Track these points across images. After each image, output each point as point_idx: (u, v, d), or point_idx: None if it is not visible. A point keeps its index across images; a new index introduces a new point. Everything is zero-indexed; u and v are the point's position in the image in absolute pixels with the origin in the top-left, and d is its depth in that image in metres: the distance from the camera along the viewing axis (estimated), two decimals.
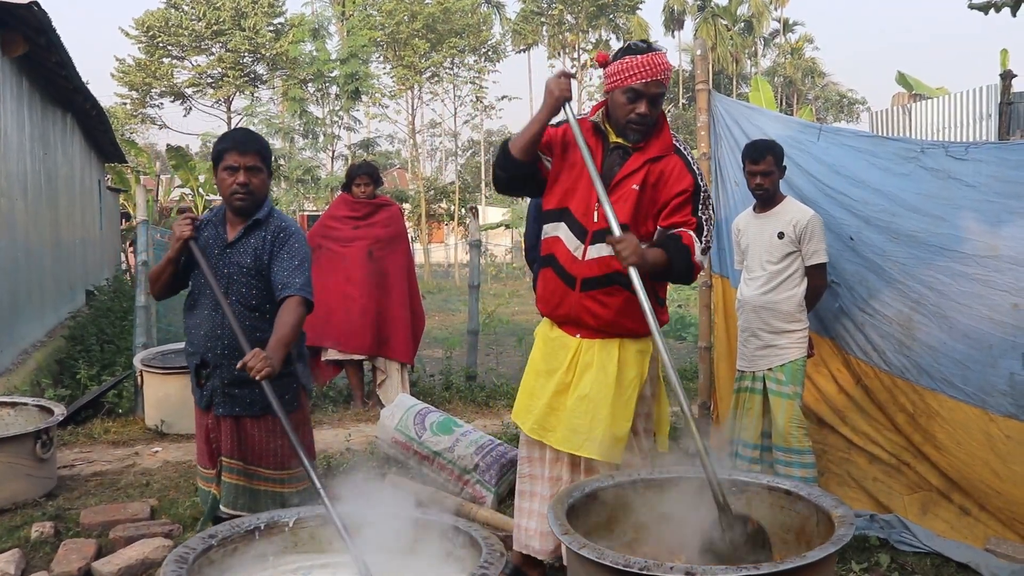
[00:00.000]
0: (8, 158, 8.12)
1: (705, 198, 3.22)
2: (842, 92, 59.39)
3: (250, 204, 3.40)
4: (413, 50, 35.56)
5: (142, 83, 38.56)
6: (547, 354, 3.44)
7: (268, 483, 3.47)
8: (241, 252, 3.42)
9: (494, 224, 28.99)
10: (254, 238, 3.43)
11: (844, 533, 2.51)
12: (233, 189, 3.36)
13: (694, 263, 3.12)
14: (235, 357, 3.24)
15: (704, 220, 3.18)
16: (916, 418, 4.18)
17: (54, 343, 9.37)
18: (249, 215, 3.43)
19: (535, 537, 3.51)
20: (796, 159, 4.67)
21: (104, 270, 16.56)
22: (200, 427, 3.60)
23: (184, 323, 3.61)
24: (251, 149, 3.37)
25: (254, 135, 3.51)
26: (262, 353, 3.03)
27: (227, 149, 3.37)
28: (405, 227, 7.48)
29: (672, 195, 3.18)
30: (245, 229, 3.43)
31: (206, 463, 3.60)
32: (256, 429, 3.45)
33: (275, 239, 3.42)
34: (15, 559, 3.85)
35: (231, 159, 3.35)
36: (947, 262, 3.99)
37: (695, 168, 3.24)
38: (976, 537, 3.94)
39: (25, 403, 5.40)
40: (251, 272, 3.41)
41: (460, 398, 7.45)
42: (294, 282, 3.31)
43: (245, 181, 3.35)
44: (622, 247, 2.95)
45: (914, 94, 13.50)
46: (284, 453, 3.49)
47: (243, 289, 3.41)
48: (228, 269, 3.42)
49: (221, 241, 3.47)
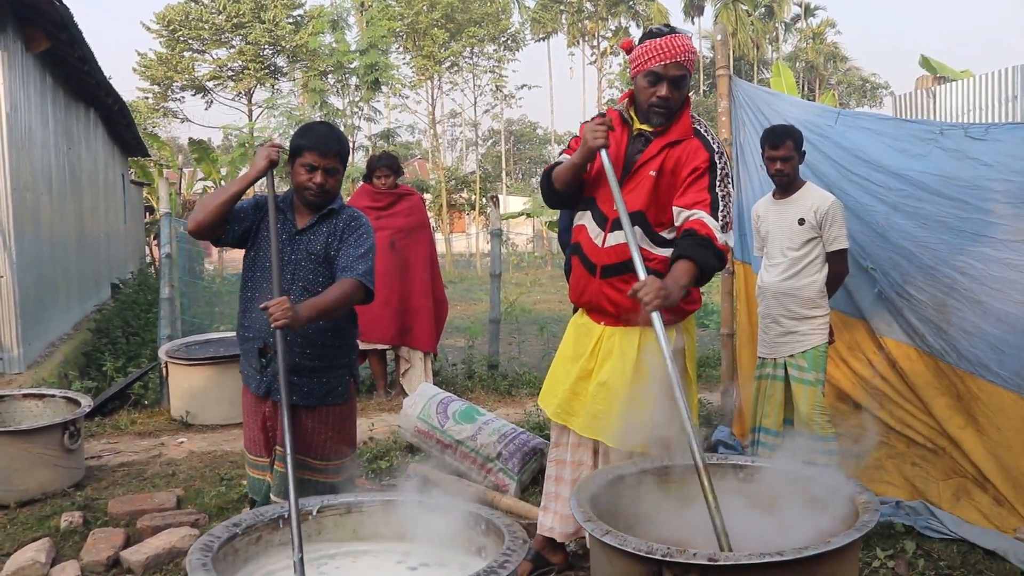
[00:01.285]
0: (33, 153, 8.20)
1: (723, 175, 3.17)
2: (865, 77, 58.83)
3: (323, 202, 3.41)
4: (432, 40, 35.57)
5: (164, 77, 38.80)
6: (575, 340, 3.47)
7: (312, 472, 3.46)
8: (311, 240, 3.41)
9: (515, 213, 28.89)
10: (326, 226, 3.42)
11: (868, 519, 2.49)
12: (308, 187, 3.35)
13: (720, 248, 3.06)
14: (297, 344, 3.27)
15: (720, 196, 3.13)
16: (960, 400, 4.13)
17: (80, 336, 9.47)
18: (320, 208, 3.43)
19: (556, 520, 3.54)
20: (819, 145, 4.63)
21: (129, 263, 16.70)
22: (255, 414, 3.52)
23: (241, 305, 3.53)
24: (331, 151, 3.34)
25: (335, 135, 3.43)
26: (287, 302, 3.03)
27: (308, 147, 3.33)
28: (427, 216, 7.49)
29: (687, 173, 3.16)
30: (319, 218, 3.42)
31: (260, 451, 3.52)
32: (309, 420, 3.44)
33: (346, 227, 3.43)
34: (46, 548, 3.91)
35: (311, 158, 3.32)
36: (978, 247, 3.95)
37: (714, 146, 3.20)
38: (1008, 528, 3.88)
39: (53, 395, 5.46)
40: (320, 260, 3.40)
41: (482, 387, 7.47)
42: (356, 267, 3.32)
43: (322, 182, 3.34)
44: (643, 293, 2.80)
45: (938, 77, 13.32)
46: (330, 445, 3.49)
47: (310, 276, 3.39)
48: (296, 255, 3.40)
49: (290, 227, 3.44)
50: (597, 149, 3.10)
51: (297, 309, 3.05)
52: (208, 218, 3.32)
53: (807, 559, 2.27)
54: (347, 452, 3.53)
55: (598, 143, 3.08)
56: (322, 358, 3.41)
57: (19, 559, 3.78)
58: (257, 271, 3.47)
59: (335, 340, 3.45)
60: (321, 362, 3.41)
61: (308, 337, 3.32)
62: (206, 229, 3.36)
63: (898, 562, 3.74)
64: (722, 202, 3.13)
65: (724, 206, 3.13)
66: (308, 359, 3.38)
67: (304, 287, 3.38)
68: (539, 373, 7.91)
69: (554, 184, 3.34)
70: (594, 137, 3.09)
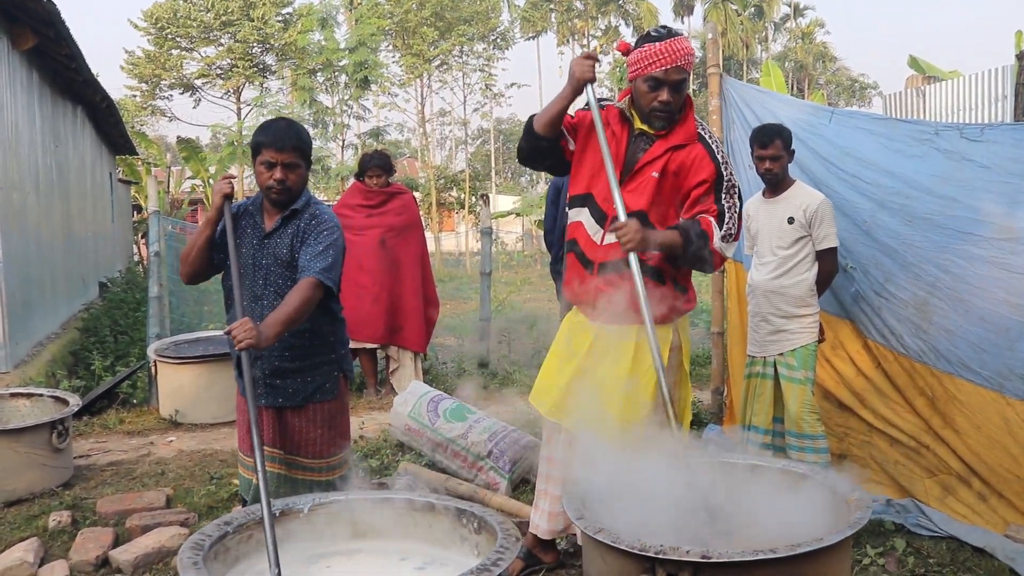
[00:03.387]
0: (19, 151, 8.15)
1: (729, 186, 3.17)
2: (853, 77, 59.01)
3: (286, 199, 3.38)
4: (422, 38, 35.50)
5: (152, 75, 38.56)
6: (569, 338, 3.46)
7: (306, 472, 3.45)
8: (278, 243, 3.39)
9: (505, 212, 28.92)
10: (291, 228, 3.39)
11: (860, 517, 2.50)
12: (269, 185, 3.32)
13: (713, 250, 3.08)
14: (275, 348, 3.25)
15: (727, 207, 3.14)
16: (935, 402, 4.15)
17: (68, 335, 9.42)
18: (286, 207, 3.40)
19: (545, 518, 3.54)
20: (809, 143, 4.63)
21: (117, 262, 16.62)
22: (244, 414, 3.51)
23: (225, 312, 3.55)
24: (288, 146, 3.30)
25: (294, 129, 3.40)
26: (250, 323, 2.99)
27: (265, 144, 3.31)
28: (419, 215, 7.47)
29: (693, 185, 3.16)
30: (282, 220, 3.39)
31: (249, 451, 3.48)
32: (297, 419, 3.43)
33: (307, 226, 3.38)
34: (34, 548, 3.89)
35: (268, 155, 3.29)
36: (963, 245, 3.96)
37: (719, 156, 3.19)
38: (995, 524, 3.90)
39: (41, 394, 5.42)
40: (287, 264, 3.37)
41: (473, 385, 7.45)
42: (314, 266, 3.24)
43: (282, 178, 3.30)
44: (622, 232, 2.95)
45: (928, 77, 13.37)
46: (322, 442, 3.47)
47: (279, 281, 3.37)
48: (266, 260, 3.39)
49: (259, 231, 3.42)
50: (585, 82, 3.10)
51: (261, 329, 3.01)
52: (193, 268, 3.44)
53: (800, 556, 2.27)
54: (343, 447, 3.52)
55: (586, 76, 3.08)
56: (303, 358, 3.40)
57: (7, 559, 3.75)
58: (229, 280, 3.44)
59: (314, 339, 3.42)
60: (302, 362, 3.40)
61: (284, 340, 3.26)
62: (198, 276, 3.49)
63: (888, 559, 3.75)
64: (728, 212, 3.14)
65: (730, 217, 3.14)
66: (288, 361, 3.38)
67: (276, 292, 3.37)
68: (529, 371, 7.90)
69: (535, 124, 3.28)
70: (582, 70, 3.09)
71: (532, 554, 3.64)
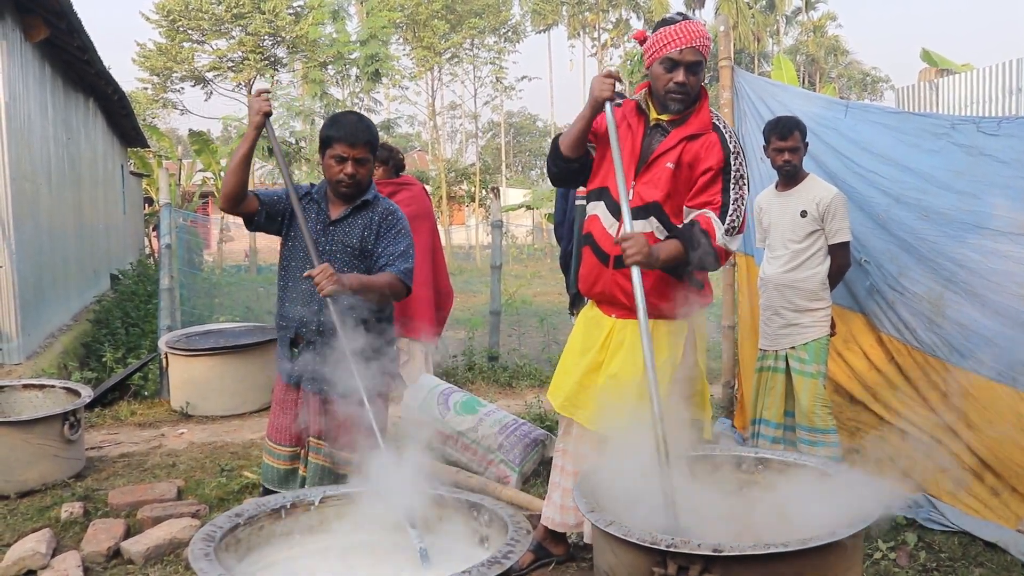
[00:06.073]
0: (32, 143, 8.17)
1: (737, 176, 3.14)
2: (865, 70, 58.70)
3: (356, 192, 3.42)
4: (432, 31, 35.46)
5: (163, 68, 38.63)
6: (585, 333, 3.45)
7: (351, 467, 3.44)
8: (346, 231, 3.42)
9: (515, 205, 28.89)
10: (361, 218, 3.43)
11: (872, 512, 2.48)
12: (340, 179, 3.36)
13: (716, 248, 3.05)
14: (330, 335, 3.26)
15: (732, 199, 3.11)
16: (948, 397, 4.13)
17: (80, 327, 9.45)
18: (355, 199, 3.43)
19: (558, 511, 3.54)
20: (823, 136, 4.60)
21: (128, 254, 16.67)
22: (283, 402, 3.54)
23: (278, 295, 3.55)
24: (360, 141, 3.35)
25: (364, 125, 3.42)
26: (331, 269, 3.04)
27: (336, 138, 3.34)
28: (430, 206, 7.44)
29: (700, 171, 3.13)
30: (352, 209, 3.43)
31: (282, 439, 3.54)
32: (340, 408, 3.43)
33: (383, 221, 3.43)
34: (46, 538, 3.90)
35: (340, 149, 3.34)
36: (978, 239, 3.92)
37: (731, 145, 3.16)
38: (1008, 519, 3.88)
39: (52, 385, 5.44)
40: (355, 252, 3.41)
41: (483, 378, 7.47)
42: (398, 264, 3.37)
43: (353, 172, 3.35)
44: (627, 245, 2.91)
45: (941, 70, 13.28)
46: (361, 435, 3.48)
47: (344, 268, 3.37)
48: (331, 247, 3.41)
49: (323, 218, 3.45)
50: (604, 101, 3.08)
51: (341, 276, 3.07)
52: (228, 187, 3.35)
53: (811, 550, 2.26)
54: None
55: (605, 95, 3.06)
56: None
57: (20, 550, 3.77)
58: (292, 260, 3.48)
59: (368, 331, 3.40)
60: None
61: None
62: (232, 200, 3.37)
63: (900, 554, 3.74)
64: (733, 205, 3.11)
65: (735, 209, 3.11)
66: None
67: None
68: (540, 365, 7.90)
69: (560, 147, 3.32)
70: (601, 89, 3.07)
71: (543, 547, 3.64)
